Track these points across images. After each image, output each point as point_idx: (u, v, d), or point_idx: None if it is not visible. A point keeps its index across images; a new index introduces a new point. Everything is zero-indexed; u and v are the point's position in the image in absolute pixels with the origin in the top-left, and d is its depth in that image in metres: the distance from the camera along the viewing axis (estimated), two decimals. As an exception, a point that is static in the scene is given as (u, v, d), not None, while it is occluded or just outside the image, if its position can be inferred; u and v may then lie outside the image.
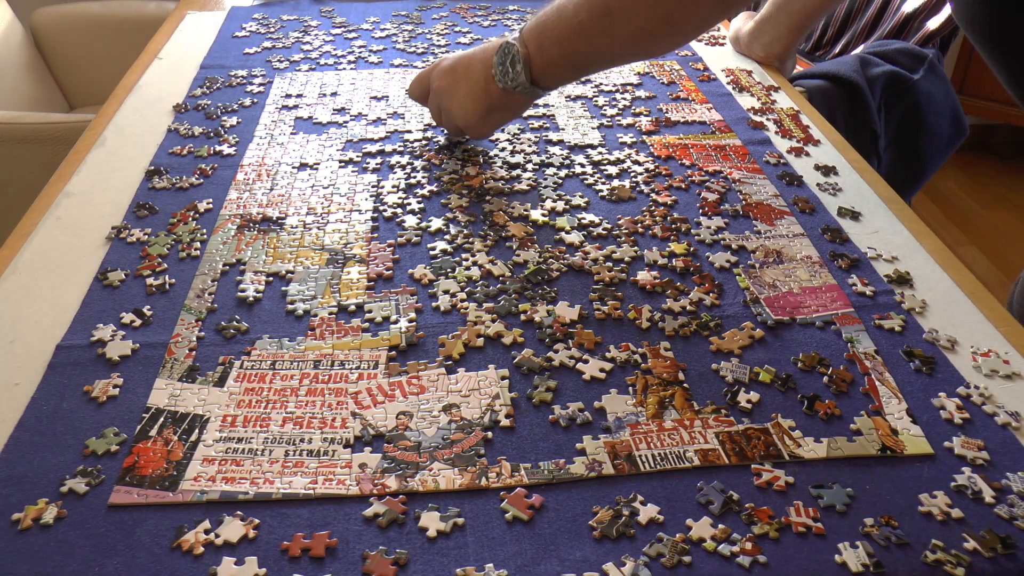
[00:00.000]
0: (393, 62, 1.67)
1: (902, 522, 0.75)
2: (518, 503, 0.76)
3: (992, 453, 0.81)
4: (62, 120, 1.80)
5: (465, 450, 0.81)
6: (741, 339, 0.95)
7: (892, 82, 1.80)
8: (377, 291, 1.03)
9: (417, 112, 1.46)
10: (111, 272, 1.04)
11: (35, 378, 0.88)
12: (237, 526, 0.73)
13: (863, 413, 0.86)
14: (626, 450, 0.81)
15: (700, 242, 1.13)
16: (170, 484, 0.77)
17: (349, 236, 1.13)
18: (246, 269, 1.06)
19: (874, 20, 2.05)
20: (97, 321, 0.96)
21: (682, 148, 1.36)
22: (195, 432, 0.83)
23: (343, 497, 0.77)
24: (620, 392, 0.88)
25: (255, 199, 1.21)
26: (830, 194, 1.24)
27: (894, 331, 0.97)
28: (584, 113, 1.47)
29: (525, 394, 0.87)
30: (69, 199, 1.19)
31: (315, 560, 0.71)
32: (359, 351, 0.93)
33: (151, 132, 1.38)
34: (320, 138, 1.38)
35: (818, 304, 1.01)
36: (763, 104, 1.50)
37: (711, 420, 0.85)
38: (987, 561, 0.71)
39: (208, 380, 0.89)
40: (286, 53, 1.70)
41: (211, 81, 1.56)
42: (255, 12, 1.91)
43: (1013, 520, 0.75)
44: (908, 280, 1.05)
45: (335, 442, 0.82)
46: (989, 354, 0.94)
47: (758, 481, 0.78)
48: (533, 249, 1.10)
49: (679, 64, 1.66)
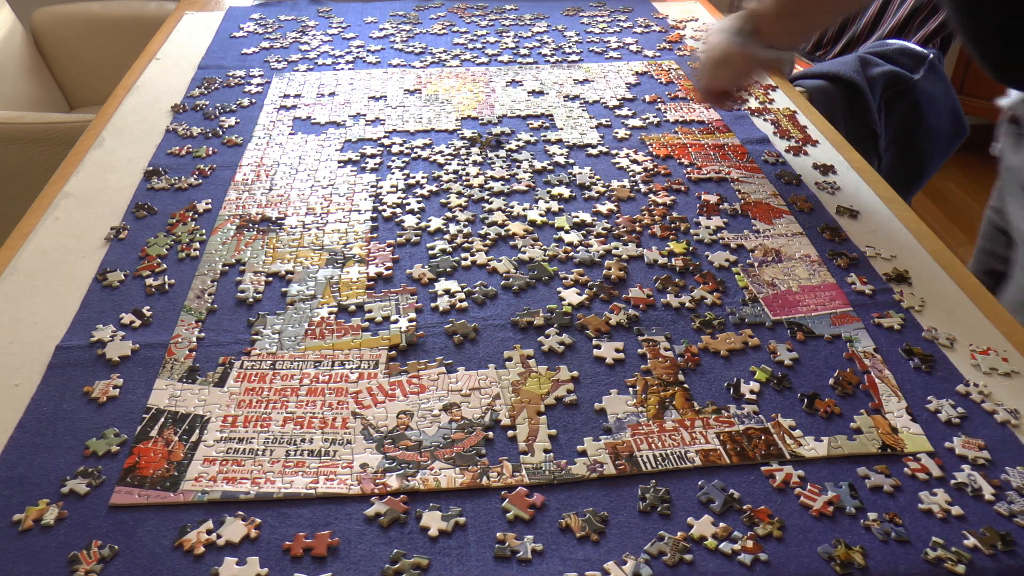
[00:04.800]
0: (391, 62, 1.67)
1: (902, 520, 0.75)
2: (519, 502, 0.76)
3: (992, 451, 0.82)
4: (62, 120, 1.80)
5: (466, 449, 0.81)
6: (733, 343, 0.95)
7: (892, 82, 1.80)
8: (377, 291, 1.03)
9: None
10: (110, 273, 1.04)
11: (35, 379, 0.88)
12: (239, 526, 0.73)
13: (863, 411, 0.86)
14: (627, 451, 0.81)
15: (699, 241, 1.13)
16: (171, 484, 0.77)
17: (348, 236, 1.13)
18: (246, 269, 1.06)
19: (874, 20, 2.06)
20: (97, 322, 0.96)
21: (681, 147, 1.36)
22: (196, 432, 0.83)
23: (344, 497, 0.77)
24: (620, 393, 0.88)
25: (254, 199, 1.21)
26: (828, 193, 1.24)
27: (893, 329, 0.97)
28: (583, 113, 1.47)
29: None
30: (68, 200, 1.19)
31: (317, 560, 0.71)
32: (359, 351, 0.93)
33: (150, 132, 1.38)
34: (319, 138, 1.38)
35: (817, 303, 1.01)
36: (761, 104, 1.50)
37: (712, 420, 0.85)
38: (988, 558, 0.72)
39: (208, 380, 0.89)
40: (284, 53, 1.70)
41: (209, 81, 1.56)
42: (253, 12, 1.91)
43: (1013, 517, 0.75)
44: (907, 278, 1.05)
45: (336, 442, 0.82)
46: (988, 352, 0.94)
47: (775, 483, 0.78)
48: (538, 246, 1.10)
49: (677, 64, 1.66)
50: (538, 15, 1.91)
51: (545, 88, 1.56)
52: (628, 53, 1.72)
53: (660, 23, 1.88)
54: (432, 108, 1.48)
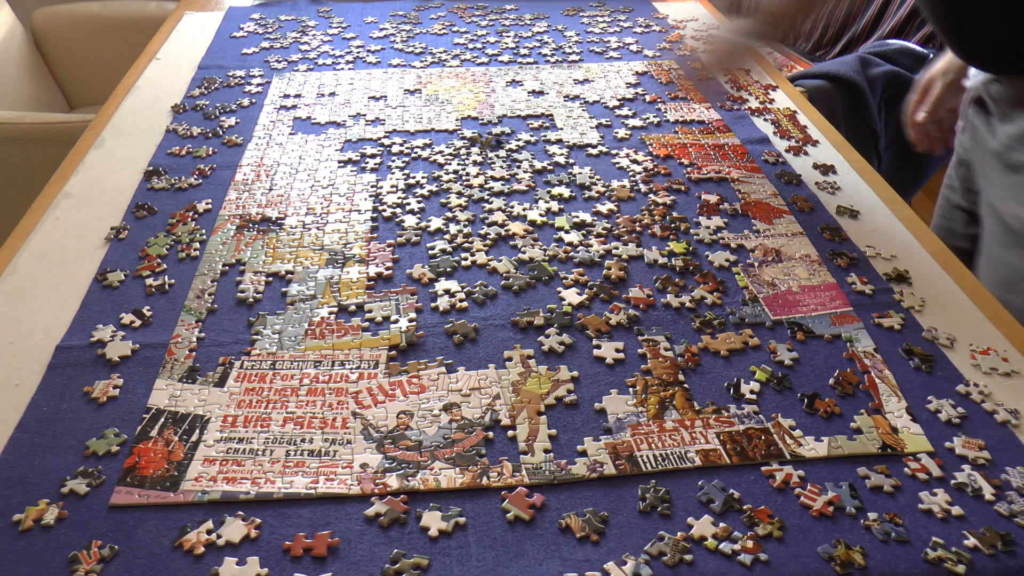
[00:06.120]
0: (391, 62, 1.67)
1: (902, 520, 0.75)
2: (519, 503, 0.76)
3: (992, 451, 0.82)
4: (62, 120, 1.80)
5: (466, 449, 0.81)
6: (733, 343, 0.95)
7: (892, 82, 1.80)
8: (377, 291, 1.03)
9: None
10: (110, 273, 1.04)
11: (35, 379, 0.88)
12: (239, 526, 0.73)
13: (863, 411, 0.86)
14: (627, 451, 0.81)
15: (699, 241, 1.13)
16: (171, 484, 0.77)
17: (348, 236, 1.13)
18: (246, 269, 1.06)
19: (874, 20, 2.06)
20: (97, 322, 0.96)
21: (681, 147, 1.36)
22: (196, 432, 0.83)
23: (344, 497, 0.77)
24: (620, 393, 0.88)
25: (254, 199, 1.21)
26: (828, 193, 1.24)
27: (893, 329, 0.97)
28: (583, 113, 1.47)
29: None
30: (68, 200, 1.19)
31: (317, 560, 0.71)
32: (359, 351, 0.93)
33: (150, 132, 1.38)
34: (319, 138, 1.38)
35: (817, 303, 1.01)
36: (761, 103, 1.50)
37: (712, 420, 0.85)
38: (988, 558, 0.72)
39: (208, 380, 0.89)
40: (284, 53, 1.70)
41: (209, 81, 1.56)
42: (253, 12, 1.91)
43: (1013, 517, 0.75)
44: (907, 278, 1.05)
45: (336, 442, 0.82)
46: (988, 352, 0.94)
47: (775, 483, 0.78)
48: (538, 246, 1.10)
49: (677, 64, 1.66)
50: (538, 15, 1.91)
51: (545, 88, 1.56)
52: (628, 53, 1.72)
53: (660, 23, 1.88)
54: (432, 108, 1.48)
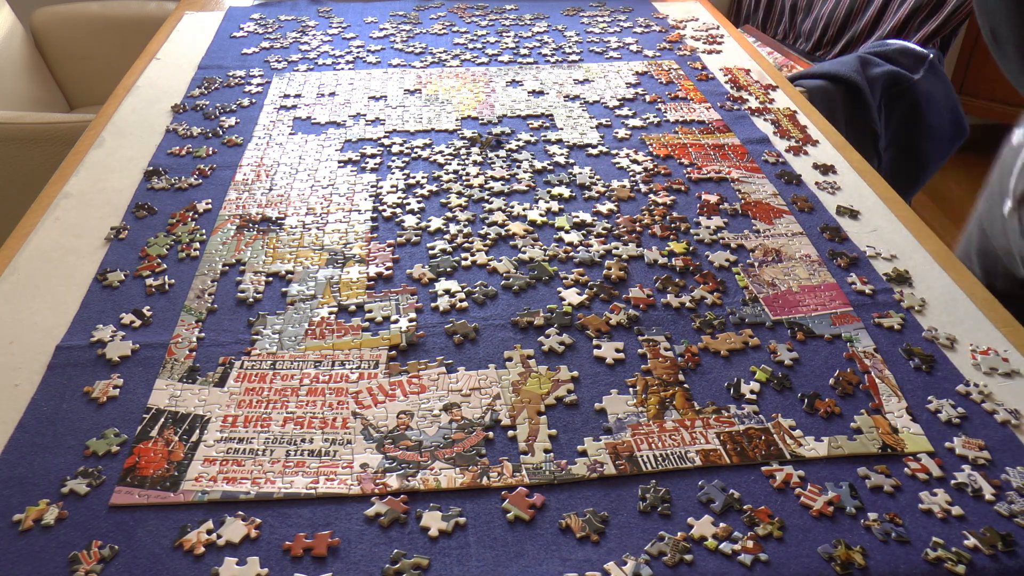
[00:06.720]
0: (391, 62, 1.67)
1: (902, 520, 0.75)
2: (519, 503, 0.76)
3: (992, 451, 0.82)
4: (62, 120, 1.80)
5: (466, 449, 0.81)
6: (733, 343, 0.95)
7: (892, 82, 1.81)
8: (377, 291, 1.03)
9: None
10: (110, 273, 1.04)
11: (35, 379, 0.88)
12: (239, 526, 0.73)
13: (863, 411, 0.86)
14: (627, 451, 0.81)
15: (699, 241, 1.13)
16: (171, 484, 0.77)
17: (348, 236, 1.13)
18: (246, 269, 1.06)
19: (874, 20, 2.06)
20: (97, 322, 0.96)
21: (681, 147, 1.36)
22: (196, 432, 0.83)
23: (344, 497, 0.77)
24: (620, 393, 0.88)
25: (254, 199, 1.21)
26: (829, 193, 1.24)
27: (893, 329, 0.97)
28: (583, 113, 1.47)
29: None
30: (68, 200, 1.19)
31: (317, 560, 0.71)
32: (359, 351, 0.93)
33: (150, 132, 1.38)
34: (319, 138, 1.38)
35: (817, 303, 1.01)
36: (761, 103, 1.50)
37: (712, 420, 0.85)
38: (988, 558, 0.72)
39: (208, 380, 0.89)
40: (284, 53, 1.70)
41: (209, 81, 1.56)
42: (253, 12, 1.91)
43: (1013, 517, 0.75)
44: (907, 278, 1.05)
45: (336, 442, 0.82)
46: (988, 352, 0.94)
47: (775, 483, 0.78)
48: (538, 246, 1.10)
49: (677, 64, 1.66)
50: (538, 15, 1.91)
51: (545, 88, 1.56)
52: (628, 53, 1.72)
53: (660, 23, 1.88)
54: (432, 108, 1.48)
